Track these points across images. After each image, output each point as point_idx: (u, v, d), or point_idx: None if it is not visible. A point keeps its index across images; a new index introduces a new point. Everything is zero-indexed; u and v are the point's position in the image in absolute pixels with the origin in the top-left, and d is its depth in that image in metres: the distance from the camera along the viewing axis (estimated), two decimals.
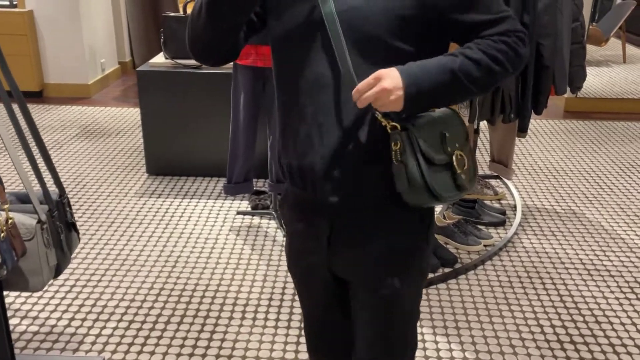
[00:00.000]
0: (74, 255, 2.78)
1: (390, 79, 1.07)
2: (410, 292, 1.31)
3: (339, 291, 1.35)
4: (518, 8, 2.41)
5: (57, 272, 1.79)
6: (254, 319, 2.38)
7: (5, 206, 1.60)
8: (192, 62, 3.44)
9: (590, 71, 6.54)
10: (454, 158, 1.15)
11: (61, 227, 1.78)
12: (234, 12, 1.14)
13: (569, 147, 4.30)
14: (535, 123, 4.73)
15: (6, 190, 1.69)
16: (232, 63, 2.97)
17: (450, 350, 2.22)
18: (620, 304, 2.52)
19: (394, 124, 1.11)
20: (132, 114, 4.81)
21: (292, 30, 1.19)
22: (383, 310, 1.29)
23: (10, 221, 1.59)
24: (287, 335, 2.29)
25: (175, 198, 3.41)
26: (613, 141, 4.43)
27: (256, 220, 3.18)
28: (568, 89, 2.84)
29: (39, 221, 1.68)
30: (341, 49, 1.12)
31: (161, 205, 3.33)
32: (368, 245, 1.25)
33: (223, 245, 2.93)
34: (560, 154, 4.16)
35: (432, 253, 1.37)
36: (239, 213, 3.24)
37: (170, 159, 3.65)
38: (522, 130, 3.01)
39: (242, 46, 1.26)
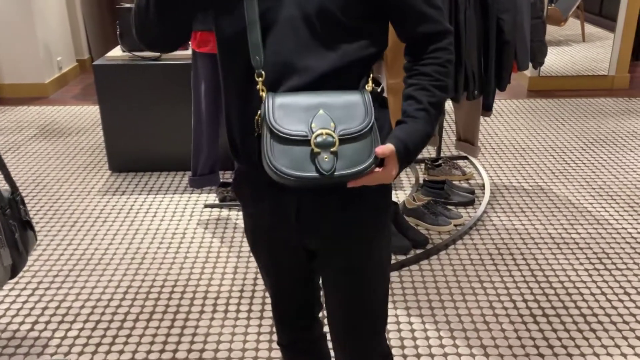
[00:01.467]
0: (35, 256, 2.69)
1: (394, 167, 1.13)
2: (380, 256, 1.32)
3: (308, 263, 1.34)
4: None
5: (14, 272, 1.71)
6: (226, 311, 2.33)
7: None
8: (151, 54, 3.35)
9: (552, 50, 6.61)
10: (312, 136, 1.06)
11: (15, 225, 1.70)
12: (188, 7, 1.13)
13: (534, 125, 4.33)
14: (499, 103, 4.76)
15: None
16: (191, 52, 2.90)
17: (425, 330, 2.21)
18: (590, 275, 2.54)
19: (261, 87, 1.11)
20: (92, 112, 4.68)
21: (223, 6, 1.16)
22: (354, 276, 1.30)
23: None
24: (259, 326, 2.24)
25: (140, 194, 3.33)
26: (576, 117, 4.47)
27: (225, 212, 3.11)
28: (530, 64, 2.84)
29: None
30: (253, 16, 1.11)
31: (125, 202, 3.24)
32: (335, 214, 1.24)
33: (191, 239, 2.86)
34: (525, 132, 4.19)
35: (393, 219, 1.42)
36: (206, 206, 3.17)
37: (133, 155, 3.56)
38: (487, 109, 3.02)
39: (191, 29, 1.23)
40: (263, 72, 1.11)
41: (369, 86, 1.17)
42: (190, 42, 2.86)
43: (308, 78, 1.12)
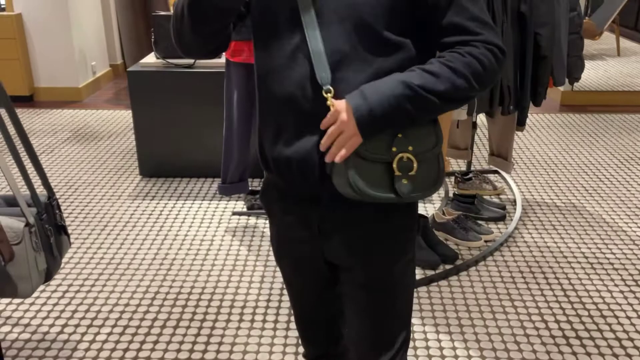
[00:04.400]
0: (65, 259, 2.72)
1: (345, 111, 1.07)
2: (402, 273, 1.30)
3: (330, 279, 1.34)
4: None
5: (48, 276, 1.72)
6: (252, 321, 2.32)
7: None
8: (184, 61, 3.38)
9: (586, 65, 6.53)
10: (395, 159, 1.10)
11: (50, 230, 1.72)
12: (218, 17, 1.12)
13: (567, 140, 4.25)
14: (532, 117, 4.69)
15: None
16: (224, 60, 2.92)
17: (454, 348, 2.17)
18: (625, 297, 2.47)
19: (331, 102, 1.10)
20: (124, 116, 4.74)
21: (272, 20, 1.16)
22: (374, 292, 1.28)
23: None
24: (286, 337, 2.23)
25: (169, 200, 3.35)
26: (610, 134, 4.39)
27: (252, 220, 3.12)
28: (566, 80, 2.80)
29: (27, 224, 1.62)
30: (313, 32, 1.10)
31: (155, 207, 3.27)
32: (358, 228, 1.23)
33: (219, 246, 2.87)
34: (558, 147, 4.12)
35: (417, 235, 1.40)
36: (234, 214, 3.18)
37: (163, 160, 3.59)
38: (521, 124, 2.97)
39: (230, 37, 1.23)
40: (332, 88, 1.11)
41: None
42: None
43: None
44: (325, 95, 1.10)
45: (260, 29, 1.20)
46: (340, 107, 1.08)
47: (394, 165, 1.10)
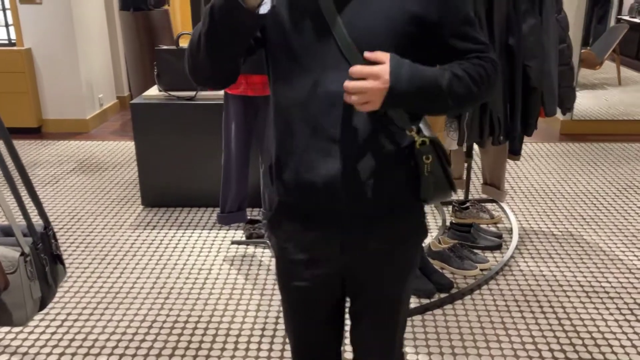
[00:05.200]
0: (65, 288, 2.76)
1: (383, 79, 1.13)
2: (410, 287, 1.44)
3: (340, 299, 1.45)
4: (503, 30, 2.43)
5: (42, 305, 1.76)
6: (247, 349, 2.34)
7: None
8: (185, 93, 3.46)
9: (586, 94, 6.58)
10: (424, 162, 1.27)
11: (46, 259, 1.76)
12: (234, 42, 1.17)
13: (565, 169, 4.28)
14: (530, 146, 4.73)
15: None
16: (223, 93, 2.99)
17: None
18: (620, 326, 2.47)
19: (423, 139, 1.23)
20: (128, 147, 4.82)
21: (300, 49, 1.22)
22: (387, 304, 1.41)
23: None
24: None
25: (170, 229, 3.39)
26: (609, 162, 4.41)
27: (251, 249, 3.15)
28: (558, 110, 2.84)
29: (22, 253, 1.66)
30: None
31: (156, 236, 3.31)
32: (379, 242, 1.33)
33: (217, 275, 2.90)
34: (556, 176, 4.14)
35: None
36: (233, 242, 3.21)
37: (165, 191, 3.65)
38: (515, 154, 3.00)
39: (240, 68, 1.28)
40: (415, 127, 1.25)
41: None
42: None
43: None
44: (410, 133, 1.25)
45: (281, 62, 1.26)
46: (383, 71, 1.13)
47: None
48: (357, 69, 1.13)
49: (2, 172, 1.71)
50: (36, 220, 1.81)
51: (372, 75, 1.12)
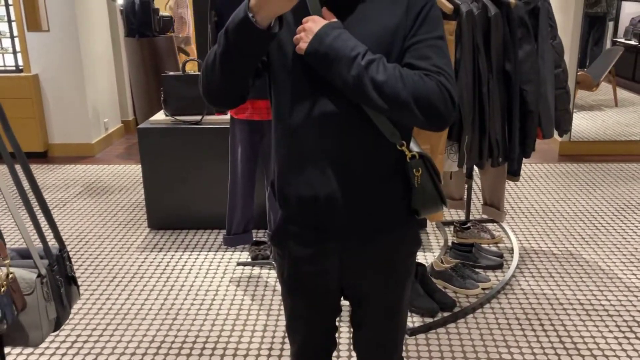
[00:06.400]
0: (75, 310, 2.80)
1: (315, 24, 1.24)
2: (409, 294, 1.51)
3: (339, 309, 1.54)
4: (500, 56, 2.51)
5: (57, 325, 1.80)
6: None
7: (6, 261, 1.64)
8: (191, 118, 3.54)
9: (584, 115, 6.67)
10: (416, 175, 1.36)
11: (61, 280, 1.81)
12: (247, 61, 1.26)
13: (565, 189, 4.34)
14: (530, 167, 4.80)
15: (8, 246, 1.74)
16: (229, 117, 3.07)
17: None
18: (619, 343, 2.51)
19: (414, 153, 1.32)
20: (134, 171, 4.90)
21: (298, 71, 1.30)
22: (389, 312, 1.48)
23: (10, 276, 1.63)
24: None
25: (176, 251, 3.45)
26: (608, 182, 4.47)
27: (256, 270, 3.20)
28: (555, 132, 2.91)
29: (39, 275, 1.72)
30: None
31: (162, 259, 3.36)
32: (377, 255, 1.40)
33: (223, 296, 2.94)
34: (556, 196, 4.20)
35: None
36: (239, 264, 3.26)
37: (171, 213, 3.71)
38: (514, 174, 3.07)
39: (249, 90, 1.36)
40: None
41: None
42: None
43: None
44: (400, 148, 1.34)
45: (281, 83, 1.34)
46: (317, 22, 1.24)
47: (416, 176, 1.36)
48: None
49: (19, 195, 1.77)
50: (52, 242, 1.87)
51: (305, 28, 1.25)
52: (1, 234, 1.81)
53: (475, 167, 3.31)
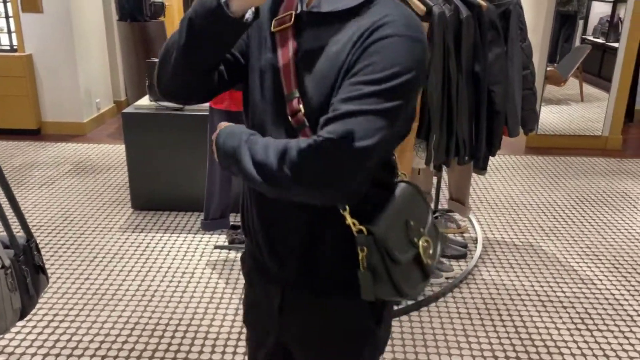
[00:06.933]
0: (53, 289, 2.70)
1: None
2: None
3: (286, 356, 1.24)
4: (470, 58, 2.40)
5: (22, 315, 1.70)
6: (223, 352, 2.30)
7: None
8: (175, 104, 3.40)
9: (551, 109, 6.59)
10: (420, 249, 1.02)
11: (27, 270, 1.70)
12: (214, 53, 1.04)
13: (529, 181, 4.28)
14: (498, 158, 4.72)
15: None
16: (208, 107, 2.94)
17: None
18: (571, 335, 2.46)
19: (360, 227, 0.97)
20: (122, 151, 4.73)
21: (251, 84, 1.12)
22: None
23: None
24: None
25: (157, 232, 3.34)
26: (569, 176, 4.41)
27: (232, 254, 3.10)
28: (521, 131, 2.82)
29: (3, 266, 1.61)
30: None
31: (143, 239, 3.25)
32: (318, 319, 1.12)
33: (199, 279, 2.85)
34: (520, 188, 4.14)
35: (386, 333, 1.18)
36: (216, 247, 3.17)
37: (154, 195, 3.59)
38: (482, 169, 2.98)
39: (217, 89, 1.14)
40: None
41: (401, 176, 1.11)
42: None
43: None
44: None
45: (250, 90, 1.13)
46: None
47: (422, 254, 1.02)
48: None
49: None
50: (17, 232, 1.76)
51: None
52: None
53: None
